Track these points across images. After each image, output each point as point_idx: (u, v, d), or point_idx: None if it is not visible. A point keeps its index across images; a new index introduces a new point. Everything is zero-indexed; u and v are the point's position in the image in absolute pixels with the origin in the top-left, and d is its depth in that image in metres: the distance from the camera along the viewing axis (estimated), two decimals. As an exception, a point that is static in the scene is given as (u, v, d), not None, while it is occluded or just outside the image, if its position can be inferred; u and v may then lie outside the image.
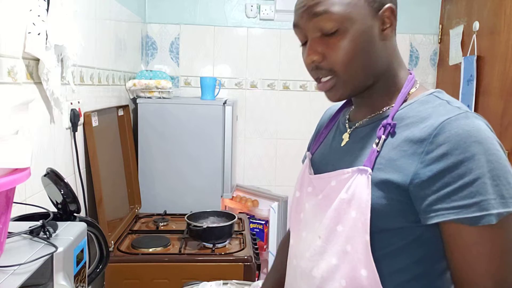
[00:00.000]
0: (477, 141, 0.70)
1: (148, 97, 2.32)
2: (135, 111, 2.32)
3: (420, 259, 0.78)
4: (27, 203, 1.16)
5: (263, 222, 2.66)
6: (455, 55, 2.61)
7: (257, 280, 1.70)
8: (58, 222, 0.85)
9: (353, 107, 0.95)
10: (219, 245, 1.81)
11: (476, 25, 2.36)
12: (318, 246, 0.82)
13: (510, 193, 0.69)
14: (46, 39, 1.22)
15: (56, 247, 0.75)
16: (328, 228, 0.81)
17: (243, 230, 2.01)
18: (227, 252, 1.77)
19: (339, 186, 0.80)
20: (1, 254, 0.69)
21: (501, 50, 2.15)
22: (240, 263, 1.69)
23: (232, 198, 2.66)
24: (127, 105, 2.19)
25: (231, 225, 1.84)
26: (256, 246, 1.92)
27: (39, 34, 1.19)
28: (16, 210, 1.00)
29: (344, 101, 0.95)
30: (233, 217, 1.90)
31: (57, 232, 0.82)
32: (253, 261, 1.71)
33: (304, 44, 0.86)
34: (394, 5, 0.84)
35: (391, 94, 0.85)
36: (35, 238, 0.78)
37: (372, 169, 0.77)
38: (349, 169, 0.80)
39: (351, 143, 0.87)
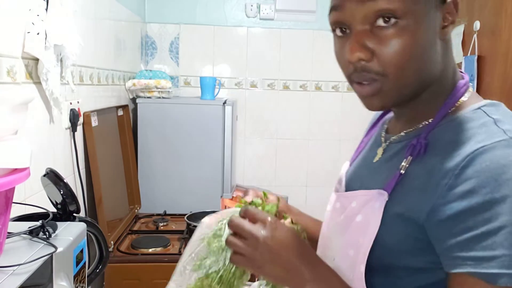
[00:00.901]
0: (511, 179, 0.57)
1: (148, 97, 2.32)
2: (135, 111, 2.32)
3: None
4: (26, 203, 1.15)
5: None
6: (456, 55, 2.61)
7: (257, 280, 1.69)
8: (57, 222, 0.84)
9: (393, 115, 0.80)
10: (219, 245, 1.80)
11: (477, 25, 2.36)
12: (332, 267, 0.72)
13: None
14: (45, 38, 1.22)
15: (56, 247, 0.74)
16: (341, 252, 0.73)
17: (243, 230, 2.01)
18: (227, 252, 1.76)
19: (358, 208, 0.71)
20: (0, 254, 0.69)
21: (502, 50, 2.14)
22: (240, 263, 1.69)
23: (232, 198, 2.65)
24: (127, 105, 2.19)
25: (231, 225, 1.83)
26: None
27: (38, 33, 1.19)
28: (16, 210, 1.00)
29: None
30: (233, 217, 1.90)
31: (56, 232, 0.82)
32: (253, 261, 1.71)
33: (340, 32, 0.72)
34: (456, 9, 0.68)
35: (437, 105, 0.70)
36: (35, 238, 0.77)
37: (390, 195, 0.67)
38: (370, 191, 0.70)
39: (383, 159, 0.76)
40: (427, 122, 0.70)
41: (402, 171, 0.67)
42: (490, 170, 0.57)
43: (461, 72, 0.75)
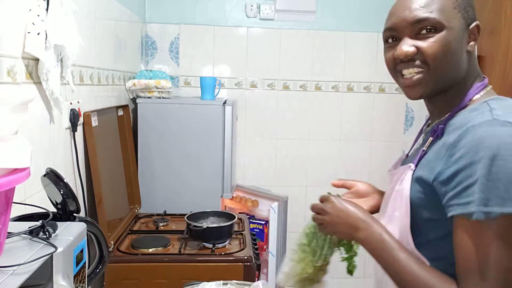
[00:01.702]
0: (487, 146, 0.77)
1: (148, 97, 2.32)
2: (135, 111, 2.32)
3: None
4: (26, 203, 1.15)
5: (263, 222, 2.66)
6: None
7: (257, 280, 1.69)
8: (57, 222, 0.84)
9: None
10: (219, 245, 1.80)
11: (476, 25, 2.37)
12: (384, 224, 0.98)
13: (505, 196, 0.76)
14: (46, 39, 1.22)
15: (56, 247, 0.74)
16: (389, 213, 0.97)
17: (243, 230, 2.01)
18: (227, 252, 1.76)
19: (397, 180, 0.95)
20: (0, 254, 0.69)
21: (501, 50, 2.15)
22: (240, 263, 1.69)
23: (232, 198, 2.65)
24: (127, 105, 2.19)
25: (231, 225, 1.84)
26: (256, 246, 1.92)
27: (38, 34, 1.19)
28: (16, 210, 1.00)
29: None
30: (233, 217, 1.90)
31: (56, 232, 0.82)
32: (253, 261, 1.71)
33: (392, 41, 0.95)
34: (478, 29, 0.94)
35: (456, 102, 0.93)
36: (35, 238, 0.78)
37: (416, 166, 0.91)
38: (404, 166, 0.95)
39: (421, 145, 0.99)
40: (447, 115, 0.93)
41: (425, 149, 0.93)
42: (474, 141, 0.79)
43: (483, 76, 0.96)
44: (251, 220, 2.58)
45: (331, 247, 1.07)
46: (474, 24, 0.92)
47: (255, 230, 2.63)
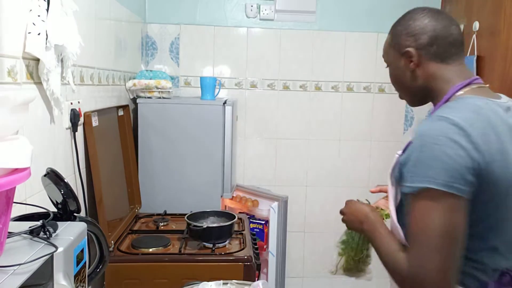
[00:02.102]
0: (420, 136, 0.96)
1: (148, 97, 2.32)
2: (135, 111, 2.32)
3: None
4: (27, 203, 1.16)
5: (263, 222, 2.66)
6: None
7: (257, 280, 1.70)
8: (58, 222, 0.85)
9: None
10: (219, 245, 1.81)
11: (476, 25, 2.37)
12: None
13: (422, 174, 0.93)
14: (46, 39, 1.22)
15: (56, 247, 0.75)
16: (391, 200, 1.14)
17: (243, 230, 2.01)
18: (227, 252, 1.77)
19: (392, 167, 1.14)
20: (1, 254, 0.69)
21: (501, 50, 2.15)
22: (240, 263, 1.69)
23: (232, 198, 2.66)
24: (127, 105, 2.19)
25: (231, 225, 1.84)
26: (256, 246, 1.92)
27: (39, 34, 1.19)
28: (16, 210, 1.00)
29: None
30: (233, 217, 1.90)
31: (57, 232, 0.82)
32: (253, 261, 1.71)
33: None
34: (417, 49, 1.10)
35: (436, 102, 1.12)
36: (35, 238, 0.78)
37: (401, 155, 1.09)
38: (399, 156, 1.08)
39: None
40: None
41: (411, 140, 1.02)
42: (416, 132, 0.98)
43: (475, 79, 1.08)
44: (251, 220, 2.58)
45: (365, 242, 1.28)
46: (404, 51, 1.11)
47: (255, 230, 2.63)
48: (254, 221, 2.66)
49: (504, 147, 0.96)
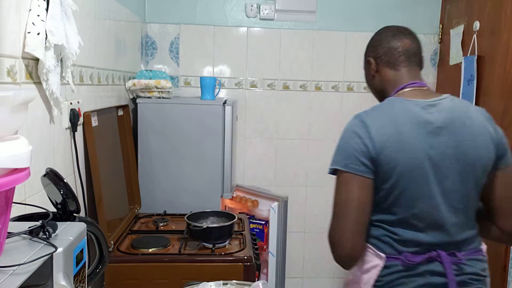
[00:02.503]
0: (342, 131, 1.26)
1: (148, 97, 2.32)
2: (135, 111, 2.32)
3: None
4: (26, 203, 1.15)
5: (263, 222, 2.66)
6: (456, 55, 2.61)
7: (257, 280, 1.69)
8: (57, 222, 0.84)
9: None
10: (219, 245, 1.81)
11: (477, 25, 2.36)
12: None
13: (333, 159, 1.24)
14: (46, 39, 1.22)
15: (56, 247, 0.74)
16: None
17: (243, 230, 2.01)
18: (227, 252, 1.76)
19: None
20: (0, 254, 0.69)
21: (501, 50, 2.14)
22: (240, 263, 1.69)
23: (232, 198, 2.65)
24: (127, 105, 2.19)
25: (231, 225, 1.84)
26: (256, 246, 1.92)
27: (38, 34, 1.19)
28: (16, 210, 1.00)
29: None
30: (233, 217, 1.90)
31: (56, 232, 0.82)
32: (253, 261, 1.71)
33: None
34: (375, 59, 1.34)
35: None
36: (35, 238, 0.77)
37: None
38: None
39: None
40: None
41: None
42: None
43: (413, 82, 1.29)
44: (251, 220, 2.58)
45: None
46: (367, 59, 1.37)
47: (255, 230, 2.63)
48: (254, 221, 2.66)
49: (401, 137, 1.17)
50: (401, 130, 1.17)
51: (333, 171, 1.24)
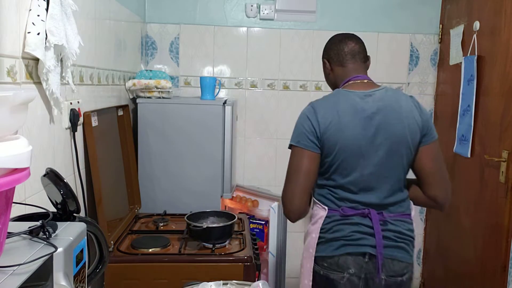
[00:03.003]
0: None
1: (148, 97, 2.32)
2: (135, 111, 2.32)
3: None
4: (26, 203, 1.15)
5: (263, 222, 2.66)
6: (456, 55, 2.61)
7: (257, 280, 1.69)
8: (57, 222, 0.84)
9: None
10: (219, 245, 1.80)
11: (477, 25, 2.36)
12: None
13: (292, 137, 1.54)
14: (46, 39, 1.22)
15: (56, 247, 0.74)
16: None
17: (243, 230, 2.01)
18: (227, 252, 1.76)
19: None
20: (0, 254, 0.69)
21: (501, 50, 2.14)
22: (240, 263, 1.69)
23: (232, 198, 2.65)
24: (127, 105, 2.19)
25: (231, 225, 1.84)
26: (256, 247, 1.92)
27: (38, 33, 1.19)
28: (16, 210, 1.00)
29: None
30: (233, 217, 1.90)
31: (56, 232, 0.82)
32: (253, 261, 1.71)
33: None
34: (328, 60, 1.66)
35: None
36: (35, 238, 0.77)
37: None
38: None
39: None
40: None
41: None
42: None
43: (355, 76, 1.59)
44: (251, 220, 2.57)
45: None
46: (323, 61, 1.68)
47: (255, 230, 2.63)
48: (254, 221, 2.65)
49: (341, 121, 1.47)
50: (341, 116, 1.48)
51: (289, 146, 1.55)
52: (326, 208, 1.52)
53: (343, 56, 1.60)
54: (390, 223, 1.49)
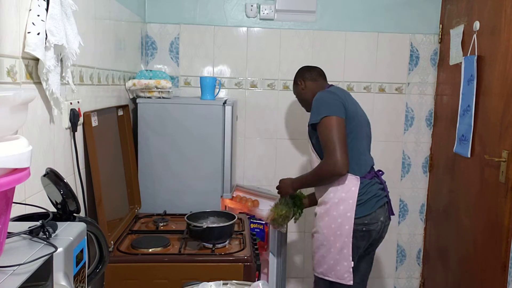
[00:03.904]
0: (317, 99, 2.02)
1: (148, 97, 2.32)
2: (135, 111, 2.32)
3: None
4: (26, 203, 1.15)
5: (264, 223, 2.65)
6: (456, 55, 2.61)
7: (257, 280, 1.69)
8: (57, 222, 0.84)
9: None
10: (219, 245, 1.81)
11: (477, 25, 2.36)
12: None
13: (320, 112, 1.95)
14: (46, 39, 1.22)
15: (56, 247, 0.74)
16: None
17: (243, 230, 2.01)
18: (227, 252, 1.76)
19: None
20: (0, 254, 0.69)
21: (501, 50, 2.14)
22: (240, 263, 1.69)
23: (232, 198, 2.65)
24: (127, 105, 2.19)
25: (231, 225, 1.84)
26: (256, 247, 1.92)
27: (38, 33, 1.19)
28: (16, 210, 1.00)
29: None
30: (233, 217, 1.90)
31: (56, 232, 0.82)
32: (253, 261, 1.71)
33: None
34: (303, 80, 2.22)
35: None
36: (35, 238, 0.77)
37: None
38: None
39: None
40: None
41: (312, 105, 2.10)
42: (314, 99, 2.07)
43: (330, 84, 2.21)
44: (251, 220, 2.57)
45: (287, 205, 2.26)
46: (296, 83, 2.25)
47: (255, 230, 2.62)
48: (255, 221, 2.65)
49: (350, 101, 2.04)
50: (348, 97, 2.06)
51: (318, 121, 1.95)
52: (358, 177, 1.97)
53: (315, 75, 2.20)
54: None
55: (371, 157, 2.12)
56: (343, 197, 1.95)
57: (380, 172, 2.14)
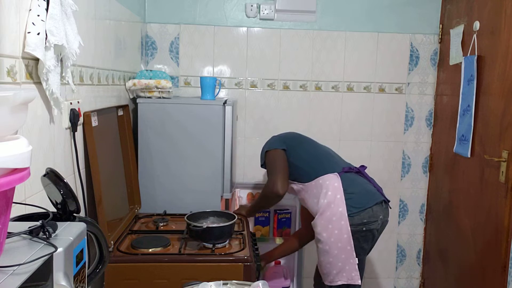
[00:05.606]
0: (266, 144, 2.37)
1: (148, 97, 2.32)
2: (135, 111, 2.32)
3: None
4: (26, 203, 1.15)
5: (290, 211, 2.80)
6: (456, 55, 2.61)
7: (257, 280, 1.69)
8: (57, 222, 0.84)
9: None
10: (219, 245, 1.81)
11: (477, 25, 2.36)
12: None
13: (262, 152, 2.30)
14: (46, 39, 1.22)
15: (56, 247, 0.74)
16: None
17: (243, 230, 2.01)
18: (227, 252, 1.76)
19: None
20: (0, 254, 0.69)
21: (501, 50, 2.14)
22: (240, 263, 1.69)
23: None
24: (127, 105, 2.19)
25: (231, 225, 1.84)
26: (256, 247, 1.92)
27: (38, 33, 1.19)
28: (16, 210, 1.00)
29: None
30: (233, 217, 1.90)
31: (56, 232, 0.82)
32: (253, 261, 1.71)
33: None
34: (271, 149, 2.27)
35: None
36: (35, 238, 0.77)
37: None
38: None
39: None
40: None
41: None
42: (264, 146, 2.38)
43: None
44: (277, 211, 2.76)
45: None
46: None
47: (282, 220, 2.79)
48: (281, 211, 2.79)
49: (302, 138, 2.32)
50: (294, 135, 2.39)
51: (264, 156, 2.24)
52: (336, 173, 2.06)
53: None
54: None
55: (344, 161, 2.25)
56: (329, 195, 2.00)
57: (363, 167, 2.20)
